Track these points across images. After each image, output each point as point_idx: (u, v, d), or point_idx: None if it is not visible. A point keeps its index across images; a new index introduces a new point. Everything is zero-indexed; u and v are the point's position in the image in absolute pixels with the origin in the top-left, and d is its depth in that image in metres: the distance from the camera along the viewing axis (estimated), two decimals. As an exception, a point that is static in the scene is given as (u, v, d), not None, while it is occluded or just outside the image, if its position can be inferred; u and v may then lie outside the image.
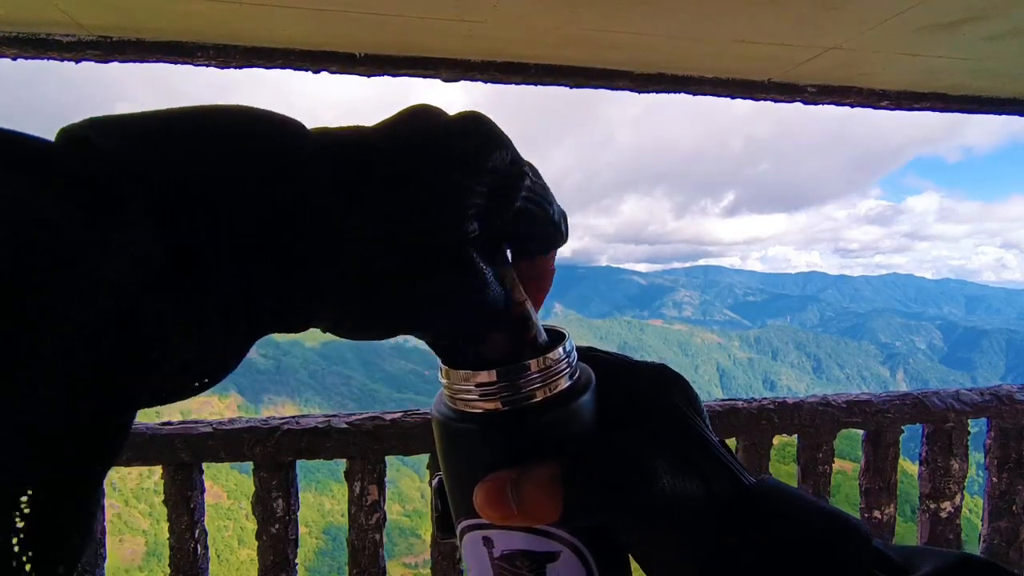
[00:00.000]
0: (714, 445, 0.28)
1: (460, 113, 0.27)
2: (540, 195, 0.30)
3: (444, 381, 0.29)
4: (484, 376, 0.28)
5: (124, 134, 0.21)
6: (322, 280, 0.24)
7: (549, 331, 0.31)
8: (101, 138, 0.21)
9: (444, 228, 0.25)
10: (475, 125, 0.27)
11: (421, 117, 0.27)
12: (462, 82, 1.74)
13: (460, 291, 0.26)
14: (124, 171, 0.20)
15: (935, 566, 0.26)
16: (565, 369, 0.28)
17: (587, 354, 0.32)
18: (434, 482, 0.33)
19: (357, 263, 0.24)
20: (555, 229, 0.31)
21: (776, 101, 1.96)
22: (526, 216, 0.29)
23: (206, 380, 0.22)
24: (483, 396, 0.28)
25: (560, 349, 0.28)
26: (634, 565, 0.30)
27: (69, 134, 0.21)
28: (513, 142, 0.28)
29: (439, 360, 0.30)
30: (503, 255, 0.30)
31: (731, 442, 1.83)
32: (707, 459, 0.28)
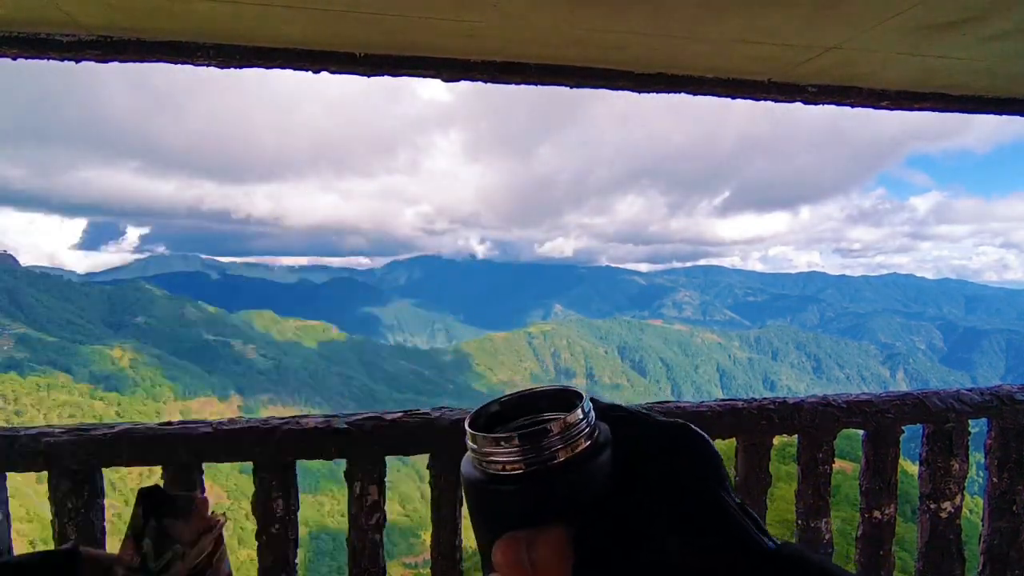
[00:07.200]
0: (730, 511, 0.29)
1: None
2: None
3: (471, 444, 0.30)
4: (506, 440, 0.29)
5: None
6: None
7: (566, 391, 0.32)
8: None
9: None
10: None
11: None
12: (462, 82, 1.74)
13: None
14: None
15: None
16: (584, 429, 0.29)
17: (608, 412, 0.32)
18: None
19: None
20: None
21: (776, 101, 1.96)
22: None
23: None
24: (506, 459, 0.29)
25: (578, 412, 0.29)
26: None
27: None
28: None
29: (466, 423, 0.31)
30: None
31: (731, 442, 1.83)
32: (721, 526, 0.28)
